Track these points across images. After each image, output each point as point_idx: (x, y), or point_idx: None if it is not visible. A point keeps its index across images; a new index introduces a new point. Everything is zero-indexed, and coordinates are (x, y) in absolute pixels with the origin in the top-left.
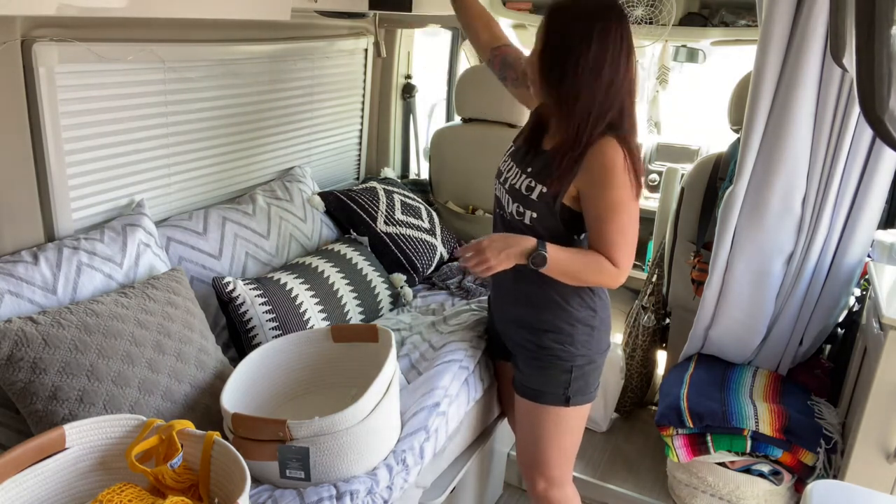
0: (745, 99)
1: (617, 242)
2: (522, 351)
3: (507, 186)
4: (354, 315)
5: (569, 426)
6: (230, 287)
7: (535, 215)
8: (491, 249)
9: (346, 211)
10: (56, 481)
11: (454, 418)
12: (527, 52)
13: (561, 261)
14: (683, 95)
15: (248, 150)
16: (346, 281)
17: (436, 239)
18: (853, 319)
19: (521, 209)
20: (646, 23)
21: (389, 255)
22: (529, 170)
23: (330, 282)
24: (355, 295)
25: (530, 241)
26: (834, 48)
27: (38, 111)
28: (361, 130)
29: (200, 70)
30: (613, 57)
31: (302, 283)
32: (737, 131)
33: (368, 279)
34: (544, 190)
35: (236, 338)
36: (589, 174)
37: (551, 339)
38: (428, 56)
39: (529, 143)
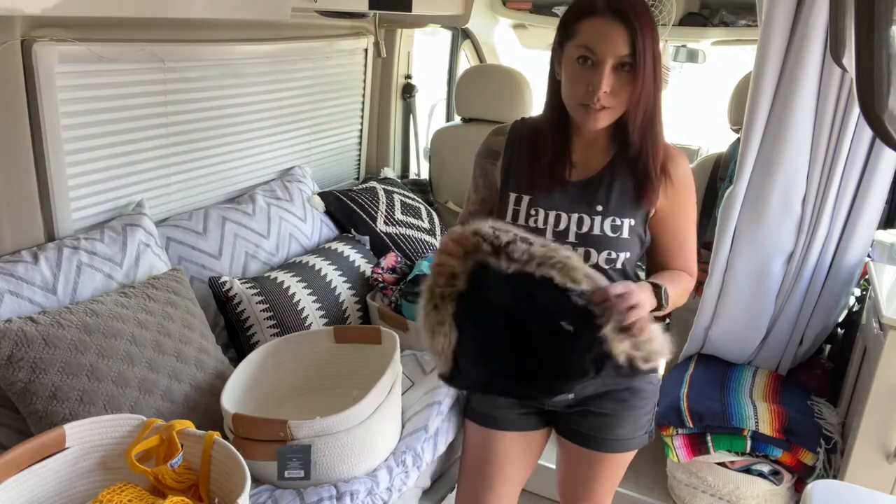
0: (745, 99)
1: (693, 254)
2: (603, 405)
3: (572, 240)
4: (353, 314)
5: None
6: (227, 286)
7: (627, 255)
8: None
9: (346, 211)
10: (56, 481)
11: (455, 423)
12: (523, 50)
13: (674, 296)
14: (683, 95)
15: (248, 150)
16: (345, 279)
17: (436, 239)
18: (853, 319)
19: (614, 255)
20: None
21: None
22: (600, 208)
23: (328, 280)
24: (353, 292)
25: (648, 286)
26: (834, 48)
27: (38, 111)
28: (361, 130)
29: (200, 70)
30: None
31: (299, 281)
32: (737, 131)
33: (367, 278)
34: (632, 223)
35: (236, 338)
36: (672, 187)
37: (641, 378)
38: (428, 56)
39: (557, 182)
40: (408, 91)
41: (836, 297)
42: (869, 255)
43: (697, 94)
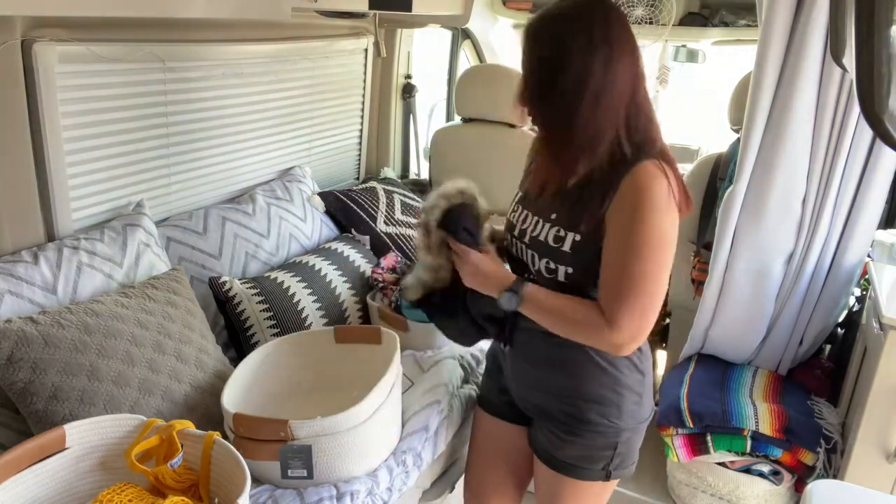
0: (745, 99)
1: (625, 295)
2: (551, 421)
3: (526, 241)
4: (353, 314)
5: (601, 499)
6: (227, 286)
7: (570, 270)
8: (466, 268)
9: (346, 211)
10: (56, 481)
11: (455, 421)
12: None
13: (538, 302)
14: (683, 95)
15: (248, 150)
16: (345, 279)
17: None
18: (853, 319)
19: (553, 265)
20: (646, 23)
21: None
22: (554, 216)
23: (328, 280)
24: (353, 292)
25: (509, 278)
26: (834, 48)
27: (38, 111)
28: (361, 130)
29: (200, 70)
30: (607, 63)
31: (299, 281)
32: (737, 131)
33: (367, 278)
34: (577, 238)
35: (236, 338)
36: (618, 206)
37: (594, 411)
38: (428, 56)
39: (537, 186)
40: (408, 91)
41: (836, 297)
42: (869, 255)
43: (697, 94)
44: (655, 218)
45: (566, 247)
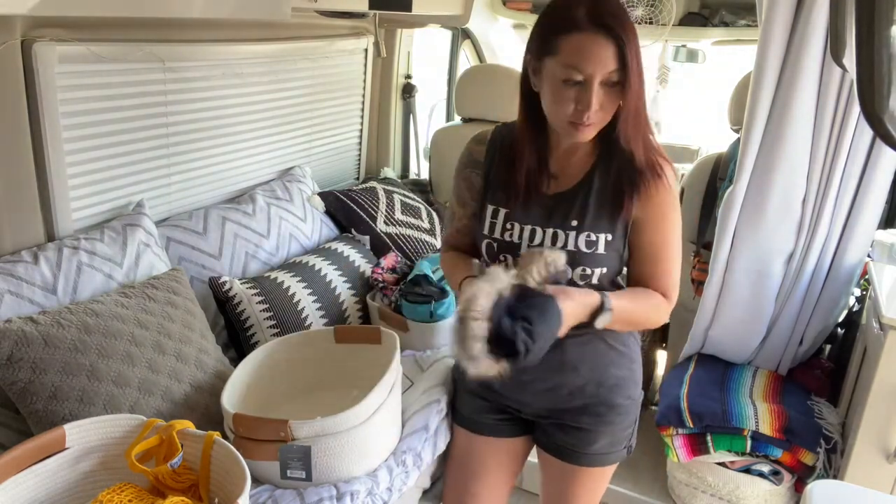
0: (745, 99)
1: (671, 273)
2: (578, 418)
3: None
4: (353, 314)
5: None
6: (227, 286)
7: (604, 271)
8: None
9: (346, 211)
10: (56, 481)
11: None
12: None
13: (624, 310)
14: (683, 95)
15: (248, 150)
16: (345, 279)
17: (436, 239)
18: (853, 319)
19: (589, 270)
20: (646, 23)
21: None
22: (574, 223)
23: (328, 280)
24: (353, 292)
25: (593, 297)
26: (834, 48)
27: (38, 111)
28: (361, 130)
29: (200, 70)
30: None
31: (299, 281)
32: (737, 131)
33: (367, 278)
34: (609, 237)
35: (236, 338)
36: (648, 198)
37: (620, 394)
38: (428, 56)
39: (532, 196)
40: (408, 91)
41: (836, 297)
42: (869, 255)
43: (697, 94)
44: (676, 202)
45: (601, 249)
